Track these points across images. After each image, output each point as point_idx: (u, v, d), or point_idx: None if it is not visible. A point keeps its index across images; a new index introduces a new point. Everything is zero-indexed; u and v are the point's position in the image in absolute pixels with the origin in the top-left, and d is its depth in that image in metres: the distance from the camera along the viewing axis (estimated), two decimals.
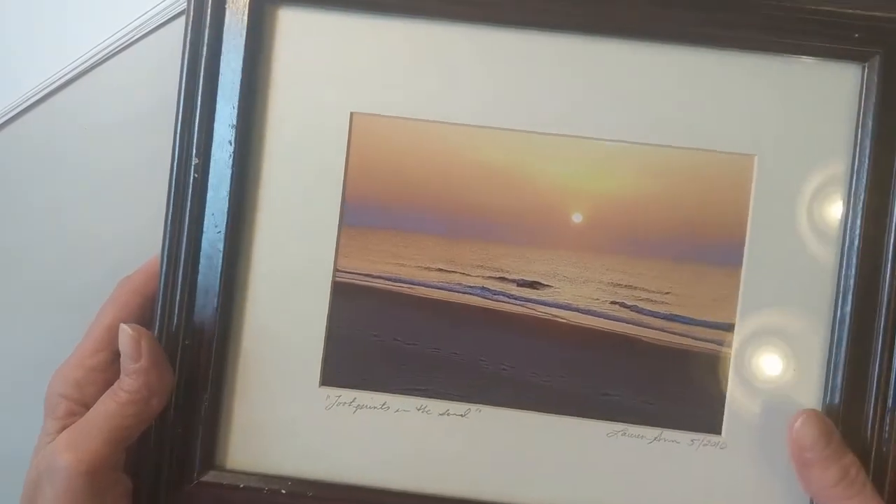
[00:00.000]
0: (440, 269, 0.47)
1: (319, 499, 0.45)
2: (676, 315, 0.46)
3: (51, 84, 0.48)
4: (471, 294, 0.47)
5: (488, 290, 0.47)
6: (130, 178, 0.48)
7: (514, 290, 0.47)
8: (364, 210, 0.46)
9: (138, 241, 0.48)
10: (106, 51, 0.49)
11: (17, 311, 0.48)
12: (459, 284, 0.47)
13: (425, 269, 0.47)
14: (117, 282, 0.44)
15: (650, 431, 0.46)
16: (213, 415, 0.45)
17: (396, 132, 0.46)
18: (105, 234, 0.48)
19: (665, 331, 0.46)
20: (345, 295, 0.46)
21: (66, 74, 0.48)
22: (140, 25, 0.49)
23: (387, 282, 0.47)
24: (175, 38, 0.49)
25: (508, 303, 0.47)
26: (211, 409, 0.45)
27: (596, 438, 0.46)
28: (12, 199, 0.49)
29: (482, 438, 0.46)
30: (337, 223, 0.46)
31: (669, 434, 0.46)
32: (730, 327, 0.46)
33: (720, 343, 0.46)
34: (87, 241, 0.48)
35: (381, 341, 0.46)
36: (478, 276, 0.47)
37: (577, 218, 0.47)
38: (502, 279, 0.47)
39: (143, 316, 0.44)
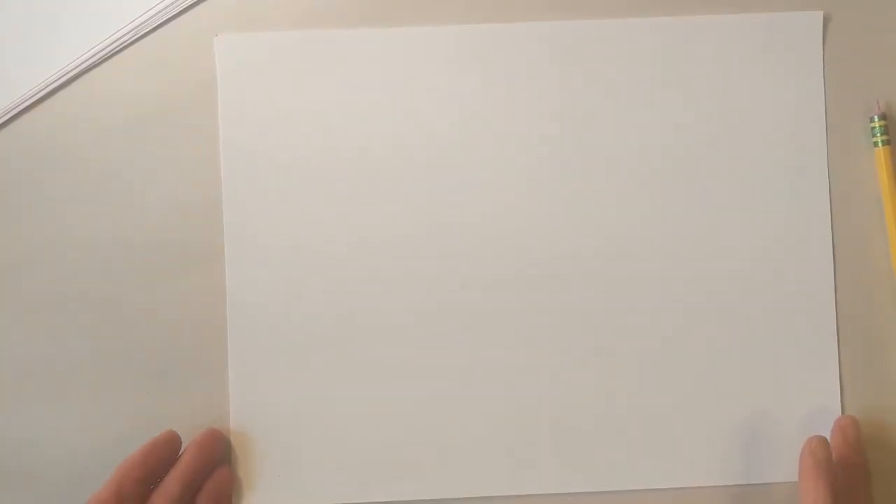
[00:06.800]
0: None
1: None
2: None
3: (51, 84, 0.48)
4: None
5: None
6: (126, 180, 0.48)
7: None
8: None
9: (138, 242, 0.48)
10: (106, 51, 0.48)
11: (17, 312, 0.48)
12: None
13: None
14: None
15: None
16: None
17: None
18: (105, 234, 0.48)
19: None
20: None
21: (65, 74, 0.48)
22: (140, 25, 0.48)
23: None
24: (175, 38, 0.49)
25: None
26: None
27: None
28: (12, 199, 0.49)
29: None
30: None
31: None
32: None
33: None
34: (87, 241, 0.48)
35: None
36: None
37: None
38: None
39: (143, 492, 0.44)
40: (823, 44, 0.48)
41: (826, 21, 0.48)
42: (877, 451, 0.47)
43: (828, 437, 0.46)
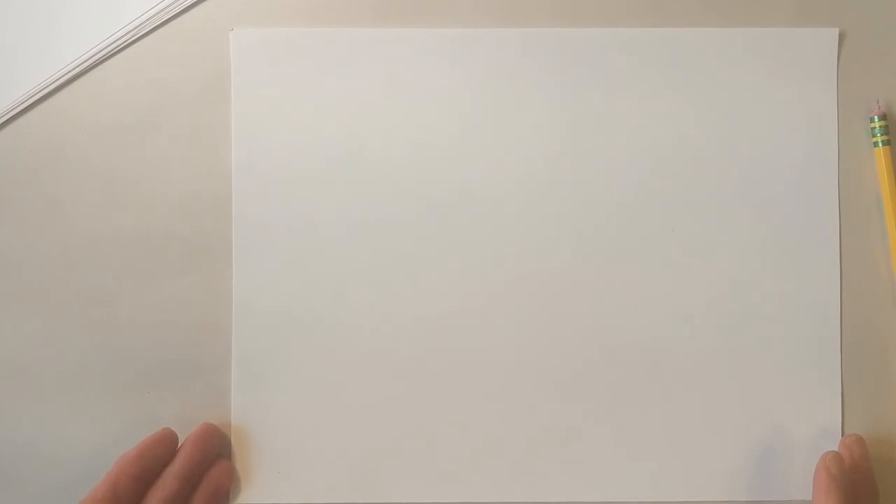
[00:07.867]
0: None
1: None
2: None
3: (51, 84, 0.48)
4: None
5: None
6: (130, 178, 0.48)
7: None
8: None
9: (138, 242, 0.48)
10: (106, 51, 0.48)
11: (16, 312, 0.48)
12: None
13: None
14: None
15: None
16: None
17: None
18: (107, 234, 0.48)
19: None
20: None
21: (65, 74, 0.48)
22: (140, 25, 0.49)
23: None
24: (175, 38, 0.49)
25: None
26: None
27: None
28: (12, 199, 0.49)
29: None
30: None
31: None
32: None
33: None
34: (88, 241, 0.48)
35: None
36: None
37: None
38: None
39: (140, 488, 0.44)
40: (838, 59, 0.48)
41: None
42: (882, 467, 0.47)
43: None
